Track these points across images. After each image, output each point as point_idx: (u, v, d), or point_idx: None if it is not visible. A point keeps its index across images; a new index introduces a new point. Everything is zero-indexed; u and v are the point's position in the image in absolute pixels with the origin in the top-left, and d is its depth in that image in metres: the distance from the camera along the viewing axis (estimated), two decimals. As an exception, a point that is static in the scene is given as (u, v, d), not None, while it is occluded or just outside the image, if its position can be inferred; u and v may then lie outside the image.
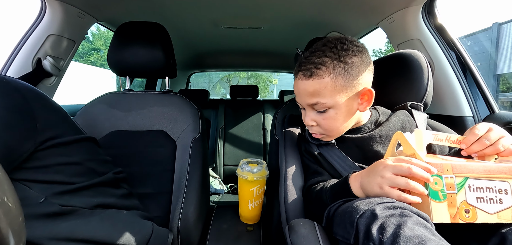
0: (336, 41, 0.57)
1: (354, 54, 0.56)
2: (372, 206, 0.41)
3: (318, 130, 0.63)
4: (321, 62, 0.56)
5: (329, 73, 0.55)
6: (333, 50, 0.56)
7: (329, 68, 0.55)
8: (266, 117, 2.19)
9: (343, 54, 0.55)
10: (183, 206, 0.75)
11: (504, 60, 6.73)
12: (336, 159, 0.64)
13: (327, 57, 0.56)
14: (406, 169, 0.43)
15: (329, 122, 0.59)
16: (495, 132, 0.48)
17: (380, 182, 0.45)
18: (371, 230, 0.38)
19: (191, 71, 2.55)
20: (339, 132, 0.63)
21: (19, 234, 0.30)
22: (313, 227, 0.53)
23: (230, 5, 1.12)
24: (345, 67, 0.55)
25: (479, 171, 0.43)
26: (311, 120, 0.61)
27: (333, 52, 0.56)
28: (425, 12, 0.94)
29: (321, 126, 0.61)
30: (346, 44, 0.56)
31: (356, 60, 0.56)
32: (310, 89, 0.57)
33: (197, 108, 0.91)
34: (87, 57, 14.91)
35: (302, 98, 0.61)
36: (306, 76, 0.57)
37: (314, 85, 0.57)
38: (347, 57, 0.55)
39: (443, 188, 0.42)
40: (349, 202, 0.46)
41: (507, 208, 0.42)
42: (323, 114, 0.59)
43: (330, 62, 0.55)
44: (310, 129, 0.65)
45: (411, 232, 0.35)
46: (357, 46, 0.57)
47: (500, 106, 1.08)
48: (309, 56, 0.58)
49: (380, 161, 0.48)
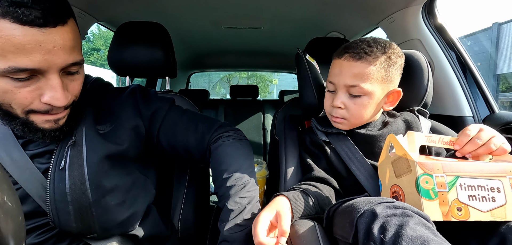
0: (385, 41, 0.62)
1: (399, 56, 0.62)
2: (372, 205, 0.41)
3: (343, 114, 0.63)
4: (371, 51, 0.59)
5: (377, 62, 0.59)
6: (383, 45, 0.61)
7: (378, 58, 0.59)
8: (266, 117, 2.19)
9: (391, 52, 0.60)
10: (183, 206, 0.75)
11: (504, 60, 6.73)
12: (345, 150, 0.64)
13: (378, 49, 0.60)
14: None
15: (359, 108, 0.61)
16: (486, 132, 0.49)
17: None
18: (372, 229, 0.38)
19: (191, 71, 2.55)
20: (361, 121, 0.65)
21: (19, 234, 0.30)
22: (313, 227, 0.53)
23: (230, 5, 1.12)
24: (389, 62, 0.60)
25: (470, 170, 0.44)
26: (341, 102, 0.62)
27: (383, 47, 0.60)
28: (425, 12, 0.94)
29: (349, 110, 0.62)
30: (394, 46, 0.62)
31: (399, 61, 0.62)
32: (356, 71, 0.59)
33: (197, 108, 0.92)
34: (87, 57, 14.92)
35: (342, 78, 0.62)
36: (355, 58, 0.60)
37: (361, 67, 0.59)
38: (393, 56, 0.60)
39: (434, 187, 0.43)
40: (349, 202, 0.47)
41: (501, 206, 0.43)
42: (356, 99, 0.61)
43: (380, 53, 0.59)
44: (334, 112, 0.65)
45: (413, 232, 0.35)
46: (400, 51, 0.63)
47: (500, 106, 1.08)
48: (359, 43, 0.61)
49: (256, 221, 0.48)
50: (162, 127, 0.64)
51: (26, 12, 0.38)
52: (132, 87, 0.66)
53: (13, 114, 0.44)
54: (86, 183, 0.50)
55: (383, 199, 0.42)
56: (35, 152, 0.51)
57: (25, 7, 0.37)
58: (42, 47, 0.40)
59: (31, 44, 0.39)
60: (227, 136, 0.64)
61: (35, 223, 0.51)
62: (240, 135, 0.67)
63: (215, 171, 0.60)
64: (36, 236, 0.51)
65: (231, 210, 0.53)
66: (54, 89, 0.43)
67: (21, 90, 0.41)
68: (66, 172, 0.50)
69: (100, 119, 0.57)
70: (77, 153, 0.51)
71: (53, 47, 0.41)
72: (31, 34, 0.38)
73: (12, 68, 0.39)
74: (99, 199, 0.52)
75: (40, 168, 0.51)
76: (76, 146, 0.52)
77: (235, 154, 0.60)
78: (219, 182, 0.58)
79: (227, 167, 0.58)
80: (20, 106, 0.43)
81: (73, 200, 0.50)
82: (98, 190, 0.52)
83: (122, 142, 0.57)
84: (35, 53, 0.39)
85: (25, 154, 0.50)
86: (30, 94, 0.42)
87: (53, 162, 0.51)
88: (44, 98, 0.43)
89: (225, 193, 0.56)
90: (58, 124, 0.48)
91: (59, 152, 0.51)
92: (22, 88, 0.41)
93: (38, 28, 0.39)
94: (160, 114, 0.64)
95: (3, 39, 0.37)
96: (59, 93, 0.44)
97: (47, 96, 0.43)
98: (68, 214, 0.50)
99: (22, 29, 0.38)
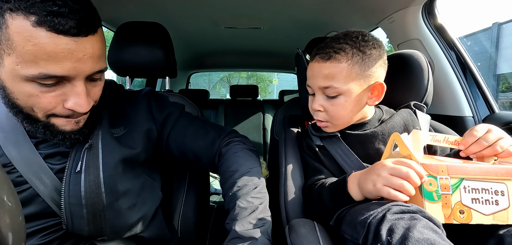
0: (357, 33, 0.59)
1: (373, 46, 0.58)
2: (386, 208, 0.41)
3: (324, 117, 0.62)
4: (340, 48, 0.57)
5: (347, 59, 0.57)
6: (354, 39, 0.58)
7: (348, 54, 0.57)
8: (266, 117, 2.19)
9: (363, 44, 0.57)
10: (183, 206, 0.75)
11: (504, 60, 6.72)
12: (340, 153, 0.63)
13: (348, 44, 0.57)
14: (405, 173, 0.43)
15: (337, 109, 0.60)
16: (493, 133, 0.48)
17: (374, 180, 0.45)
18: (380, 231, 0.38)
19: (191, 71, 2.55)
20: (344, 122, 0.63)
21: (19, 233, 0.30)
22: (313, 227, 0.53)
23: (230, 5, 1.12)
24: (363, 56, 0.57)
25: (475, 172, 0.43)
26: (319, 105, 0.61)
27: (353, 41, 0.57)
28: (425, 12, 0.94)
29: (328, 112, 0.61)
30: (367, 37, 0.58)
31: (374, 53, 0.57)
32: (326, 72, 0.58)
33: (197, 108, 0.91)
34: (87, 57, 14.85)
35: (315, 80, 0.61)
36: (324, 59, 0.58)
37: (330, 68, 0.57)
38: (366, 48, 0.57)
39: (438, 189, 0.43)
40: (364, 204, 0.47)
41: (503, 209, 0.42)
42: (333, 100, 0.59)
43: (349, 49, 0.57)
44: (315, 115, 0.64)
45: (420, 235, 0.35)
46: (376, 41, 0.59)
47: (500, 106, 1.08)
48: (329, 42, 0.60)
49: (379, 161, 0.48)
50: (172, 131, 0.64)
51: (62, 21, 0.38)
52: (146, 91, 0.67)
53: (34, 117, 0.45)
54: (101, 186, 0.51)
55: (398, 203, 0.42)
56: (47, 152, 0.51)
57: (62, 17, 0.38)
58: (73, 56, 0.40)
59: (63, 52, 0.39)
60: (237, 141, 0.65)
61: (42, 224, 0.50)
62: (249, 144, 0.68)
63: (225, 173, 0.59)
64: (41, 237, 0.50)
65: (244, 208, 0.51)
66: (78, 96, 0.44)
67: (46, 95, 0.42)
68: (82, 175, 0.50)
69: (115, 122, 0.58)
70: (93, 156, 0.51)
71: (83, 55, 0.42)
72: (65, 43, 0.39)
73: (42, 75, 0.39)
74: (113, 202, 0.52)
75: (52, 169, 0.50)
76: (92, 149, 0.52)
77: (245, 158, 0.60)
78: (229, 183, 0.57)
79: (237, 168, 0.58)
80: (43, 110, 0.44)
81: (87, 203, 0.50)
82: (112, 194, 0.52)
83: (136, 146, 0.58)
84: (66, 61, 0.40)
85: (37, 153, 0.50)
86: (54, 99, 0.43)
87: (69, 165, 0.51)
88: (68, 103, 0.44)
89: (235, 193, 0.54)
90: (78, 125, 0.49)
91: (75, 155, 0.51)
92: (47, 93, 0.42)
93: (72, 37, 0.39)
94: (171, 118, 0.65)
95: (37, 46, 0.38)
96: (83, 99, 0.44)
97: (71, 102, 0.44)
98: (82, 218, 0.50)
99: (57, 38, 0.38)
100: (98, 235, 0.53)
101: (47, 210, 0.50)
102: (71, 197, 0.49)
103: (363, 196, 0.49)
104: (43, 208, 0.50)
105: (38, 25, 0.37)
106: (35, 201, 0.49)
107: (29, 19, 0.37)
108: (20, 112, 0.44)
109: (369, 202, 0.47)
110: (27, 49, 0.38)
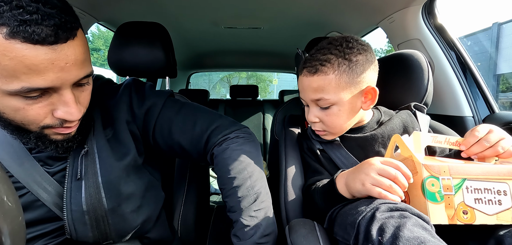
0: (341, 40, 0.58)
1: (359, 52, 0.57)
2: (374, 207, 0.41)
3: (321, 127, 0.63)
4: (326, 59, 0.56)
5: (334, 70, 0.56)
6: (338, 48, 0.57)
7: (334, 65, 0.56)
8: (266, 117, 2.19)
9: (348, 52, 0.56)
10: (183, 206, 0.75)
11: (504, 60, 6.73)
12: (340, 157, 0.63)
13: (332, 54, 0.56)
14: (393, 175, 0.43)
15: (332, 118, 0.60)
16: (495, 134, 0.48)
17: (363, 179, 0.45)
18: (370, 231, 0.38)
19: (191, 71, 2.55)
20: (341, 129, 0.63)
21: (19, 233, 0.30)
22: (313, 227, 0.53)
23: (230, 5, 1.12)
24: (350, 64, 0.56)
25: (477, 172, 0.43)
26: (314, 116, 0.61)
27: (338, 50, 0.57)
28: (425, 12, 0.94)
29: (324, 123, 0.61)
30: (351, 43, 0.57)
31: (360, 58, 0.57)
32: (314, 85, 0.58)
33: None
34: (87, 57, 14.87)
35: (306, 94, 0.61)
36: (311, 73, 0.58)
37: (318, 81, 0.57)
38: (352, 55, 0.56)
39: (440, 190, 0.42)
40: (352, 204, 0.47)
41: (507, 209, 0.42)
42: (327, 111, 0.59)
43: (334, 59, 0.56)
44: (312, 126, 0.65)
45: (410, 233, 0.35)
46: (362, 45, 0.58)
47: (500, 106, 1.08)
48: (315, 54, 0.59)
49: (367, 160, 0.48)
50: (157, 125, 0.59)
51: (37, 30, 0.35)
52: (127, 83, 0.62)
53: (26, 129, 0.43)
54: (101, 191, 0.50)
55: (385, 201, 0.42)
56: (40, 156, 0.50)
57: (36, 25, 0.35)
58: (55, 65, 0.38)
59: (43, 63, 0.37)
60: (233, 137, 0.59)
61: (44, 229, 0.50)
62: (247, 133, 0.62)
63: (222, 179, 0.56)
64: (44, 241, 0.50)
65: (247, 226, 0.50)
66: (67, 105, 0.43)
67: (33, 107, 0.41)
68: (82, 181, 0.50)
69: (105, 123, 0.56)
70: (90, 162, 0.51)
71: (65, 64, 0.39)
72: (44, 53, 0.37)
73: (25, 89, 0.37)
74: (115, 207, 0.51)
75: (50, 173, 0.50)
76: (89, 155, 0.51)
77: (244, 160, 0.56)
78: (227, 191, 0.55)
79: (236, 175, 0.54)
80: (33, 123, 0.42)
81: (89, 210, 0.49)
82: (114, 198, 0.51)
83: (126, 146, 0.55)
84: (47, 72, 0.38)
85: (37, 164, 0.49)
86: (42, 109, 0.41)
87: (69, 173, 0.50)
88: (57, 113, 0.43)
89: (236, 205, 0.53)
90: (70, 134, 0.48)
91: (74, 162, 0.51)
92: (33, 104, 0.40)
93: (50, 46, 0.37)
94: (154, 111, 0.59)
95: (14, 60, 0.35)
96: (73, 108, 0.43)
97: (61, 112, 0.43)
98: (85, 224, 0.50)
99: (34, 49, 0.36)
100: (103, 239, 0.52)
101: (48, 215, 0.50)
102: (72, 204, 0.49)
103: (352, 195, 0.49)
104: (44, 212, 0.50)
105: (11, 37, 0.34)
106: (36, 206, 0.49)
107: (1, 32, 0.34)
108: (9, 125, 0.43)
109: (357, 200, 0.47)
110: (5, 64, 0.35)
